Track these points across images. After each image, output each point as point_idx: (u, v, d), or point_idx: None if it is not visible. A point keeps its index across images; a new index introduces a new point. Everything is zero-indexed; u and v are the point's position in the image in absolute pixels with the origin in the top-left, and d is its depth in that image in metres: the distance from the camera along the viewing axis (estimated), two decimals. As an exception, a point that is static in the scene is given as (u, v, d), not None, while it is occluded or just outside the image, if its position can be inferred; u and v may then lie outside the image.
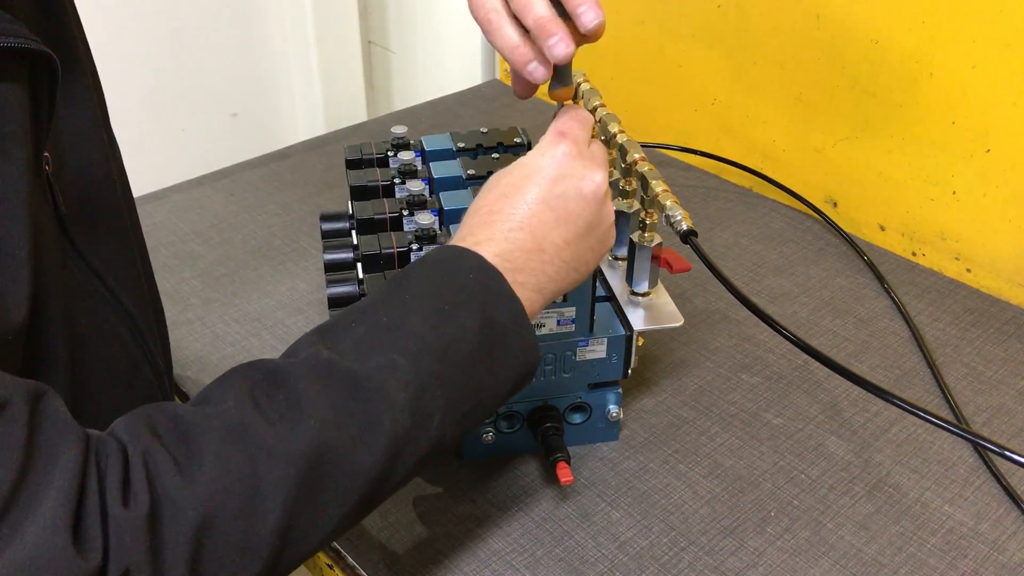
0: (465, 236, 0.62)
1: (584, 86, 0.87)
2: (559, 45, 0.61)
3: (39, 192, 0.54)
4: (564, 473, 0.76)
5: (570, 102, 0.70)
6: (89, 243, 0.61)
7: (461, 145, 0.91)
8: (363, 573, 0.73)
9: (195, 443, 0.49)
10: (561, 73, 0.66)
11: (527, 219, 0.61)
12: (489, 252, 0.60)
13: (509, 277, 0.59)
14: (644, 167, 0.78)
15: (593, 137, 0.68)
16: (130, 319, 0.65)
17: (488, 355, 0.58)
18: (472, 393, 0.58)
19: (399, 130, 0.93)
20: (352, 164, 0.91)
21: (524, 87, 0.69)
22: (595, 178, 0.63)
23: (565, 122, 0.65)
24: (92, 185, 0.63)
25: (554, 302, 0.75)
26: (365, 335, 0.56)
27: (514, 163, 0.64)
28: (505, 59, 0.66)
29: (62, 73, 0.54)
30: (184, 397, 0.91)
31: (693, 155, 1.28)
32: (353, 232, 0.86)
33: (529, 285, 0.60)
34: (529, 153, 0.64)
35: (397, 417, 0.54)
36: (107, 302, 0.63)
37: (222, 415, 0.51)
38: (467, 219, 0.63)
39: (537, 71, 0.64)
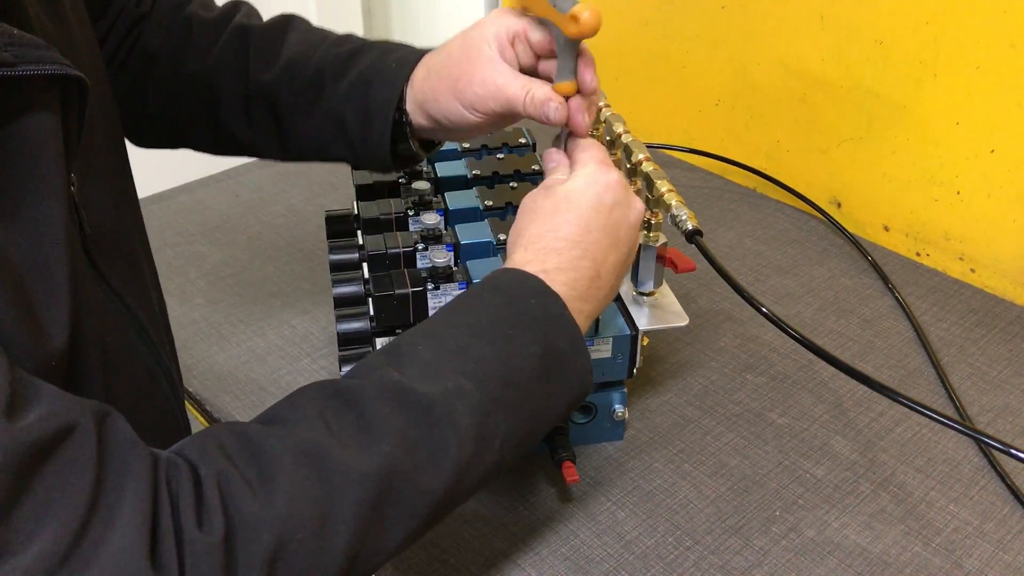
0: (530, 260, 0.62)
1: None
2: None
3: (70, 214, 0.54)
4: (569, 472, 0.76)
5: (581, 101, 0.69)
6: (106, 261, 0.61)
7: (466, 146, 0.91)
8: (369, 572, 0.74)
9: (267, 465, 0.49)
10: (565, 65, 0.66)
11: (591, 247, 0.62)
12: (558, 281, 0.61)
13: (572, 305, 0.61)
14: (649, 167, 0.78)
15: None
16: (145, 333, 0.65)
17: (547, 380, 0.59)
18: (531, 418, 0.59)
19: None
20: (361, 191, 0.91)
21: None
22: (638, 207, 0.66)
23: (595, 151, 0.66)
24: (106, 202, 0.63)
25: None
26: (433, 359, 0.57)
27: (567, 187, 0.64)
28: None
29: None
30: (191, 398, 0.91)
31: (697, 156, 1.28)
32: (359, 232, 0.86)
33: (586, 312, 0.62)
34: (582, 180, 0.64)
35: (463, 442, 0.55)
36: (125, 318, 0.64)
37: (294, 436, 0.51)
38: (531, 240, 0.63)
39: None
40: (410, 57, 0.73)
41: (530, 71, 0.69)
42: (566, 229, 0.63)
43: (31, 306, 0.49)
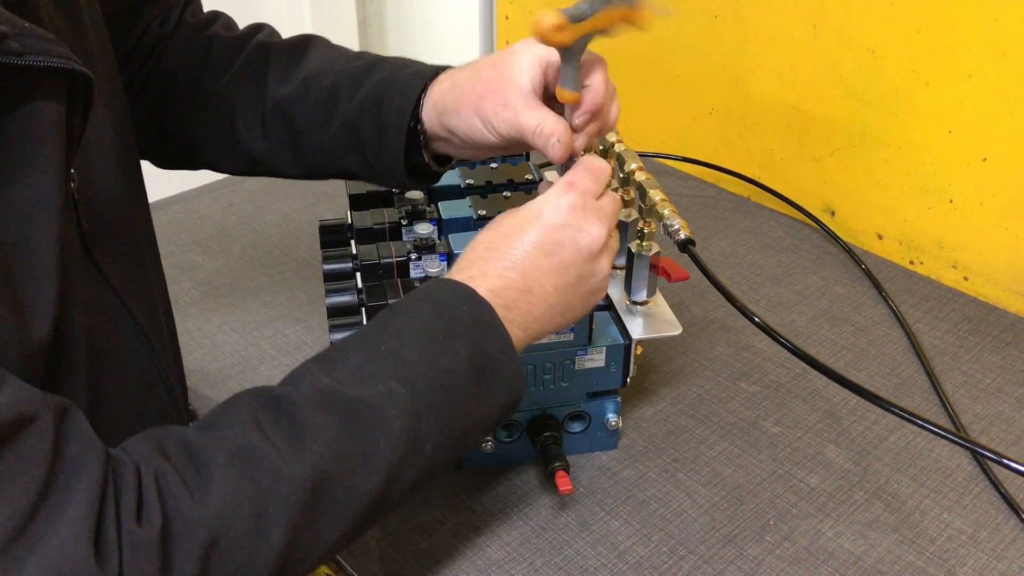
0: (461, 270, 0.64)
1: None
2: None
3: (66, 208, 0.55)
4: (563, 482, 0.76)
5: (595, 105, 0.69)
6: (107, 260, 0.62)
7: (472, 186, 0.90)
8: (362, 583, 0.74)
9: (203, 466, 0.51)
10: (568, 74, 0.66)
11: (521, 261, 0.63)
12: (482, 287, 0.62)
13: (499, 313, 0.61)
14: (642, 176, 0.78)
15: (608, 187, 0.68)
16: (144, 337, 0.65)
17: (478, 385, 0.60)
18: (463, 421, 0.60)
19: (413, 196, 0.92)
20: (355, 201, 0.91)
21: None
22: (592, 232, 0.64)
23: (578, 172, 0.66)
24: (112, 202, 0.63)
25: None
26: (364, 363, 0.58)
27: (521, 207, 0.66)
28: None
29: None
30: (193, 415, 0.91)
31: (691, 164, 1.29)
32: (352, 242, 0.86)
33: (516, 323, 0.62)
34: (537, 198, 0.66)
35: (395, 444, 0.56)
36: (124, 319, 0.64)
37: (228, 440, 0.52)
38: (466, 253, 0.65)
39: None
40: (427, 70, 0.74)
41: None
42: (498, 242, 0.64)
43: (15, 290, 0.50)
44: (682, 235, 0.73)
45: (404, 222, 0.84)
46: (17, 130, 0.50)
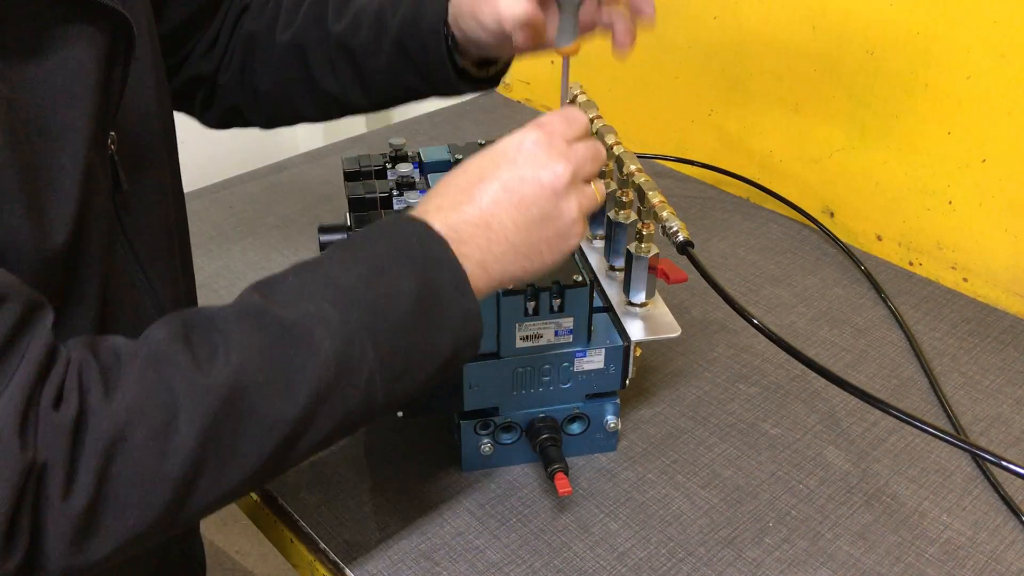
0: (420, 205, 0.63)
1: (581, 98, 0.88)
2: None
3: (97, 142, 0.60)
4: (562, 484, 0.76)
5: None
6: (136, 229, 0.65)
7: (459, 157, 0.91)
8: (361, 585, 0.73)
9: (123, 366, 0.52)
10: (566, 25, 0.69)
11: (479, 194, 0.61)
12: (437, 220, 0.61)
13: (454, 248, 0.60)
14: (641, 178, 0.78)
15: (592, 136, 0.67)
16: (161, 311, 0.67)
17: (425, 317, 0.58)
18: (405, 353, 0.58)
19: (397, 142, 0.93)
20: (350, 176, 0.91)
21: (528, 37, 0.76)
22: (556, 169, 0.62)
23: (548, 115, 0.65)
24: (148, 167, 0.67)
25: (550, 312, 0.75)
26: (299, 286, 0.58)
27: (492, 145, 0.66)
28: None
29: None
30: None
31: (690, 166, 1.29)
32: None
33: (473, 259, 0.60)
34: (505, 137, 0.65)
35: (322, 365, 0.55)
36: (144, 290, 0.67)
37: (151, 345, 0.53)
38: (429, 191, 0.65)
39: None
40: None
41: None
42: (459, 178, 0.63)
43: (38, 199, 0.54)
44: (681, 237, 0.73)
45: (396, 193, 0.86)
46: (59, 57, 0.56)
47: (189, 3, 0.84)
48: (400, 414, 0.78)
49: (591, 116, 0.84)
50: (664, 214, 0.75)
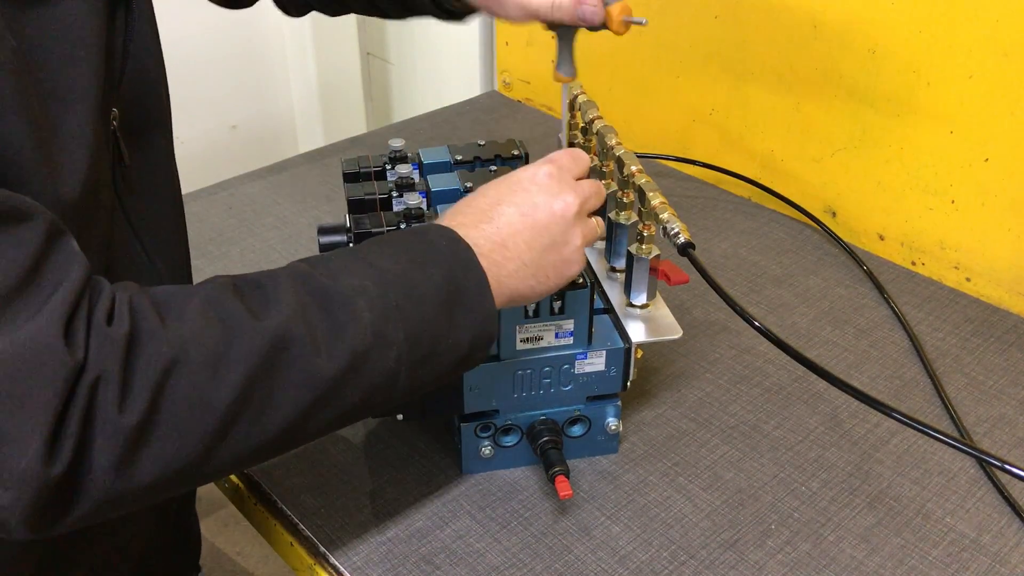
0: (440, 221, 0.68)
1: (581, 98, 0.88)
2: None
3: (105, 139, 0.61)
4: (563, 487, 0.75)
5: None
6: (134, 204, 0.68)
7: (459, 158, 0.90)
8: (362, 589, 0.73)
9: (178, 304, 0.55)
10: (565, 56, 0.75)
11: (497, 216, 0.66)
12: (460, 233, 0.65)
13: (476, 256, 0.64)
14: (641, 179, 0.78)
15: (594, 171, 0.74)
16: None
17: (449, 308, 0.62)
18: (430, 339, 0.62)
19: (397, 143, 0.93)
20: (349, 177, 0.91)
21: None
22: (567, 199, 0.68)
23: (557, 152, 0.72)
24: (149, 145, 0.69)
25: (551, 314, 0.75)
26: (342, 263, 0.62)
27: (504, 175, 0.71)
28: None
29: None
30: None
31: (692, 166, 1.28)
32: (351, 245, 0.86)
33: (490, 272, 0.65)
34: (520, 168, 0.70)
35: (360, 332, 0.58)
36: (143, 264, 0.69)
37: (207, 291, 0.56)
38: (447, 211, 0.69)
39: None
40: None
41: None
42: (477, 200, 0.68)
43: (49, 149, 0.55)
44: (681, 239, 0.73)
45: (395, 194, 0.86)
46: (56, 19, 0.57)
47: None
48: (400, 417, 0.77)
49: (592, 116, 0.84)
50: (665, 215, 0.75)
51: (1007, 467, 0.57)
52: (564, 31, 0.80)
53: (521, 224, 0.66)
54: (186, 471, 0.54)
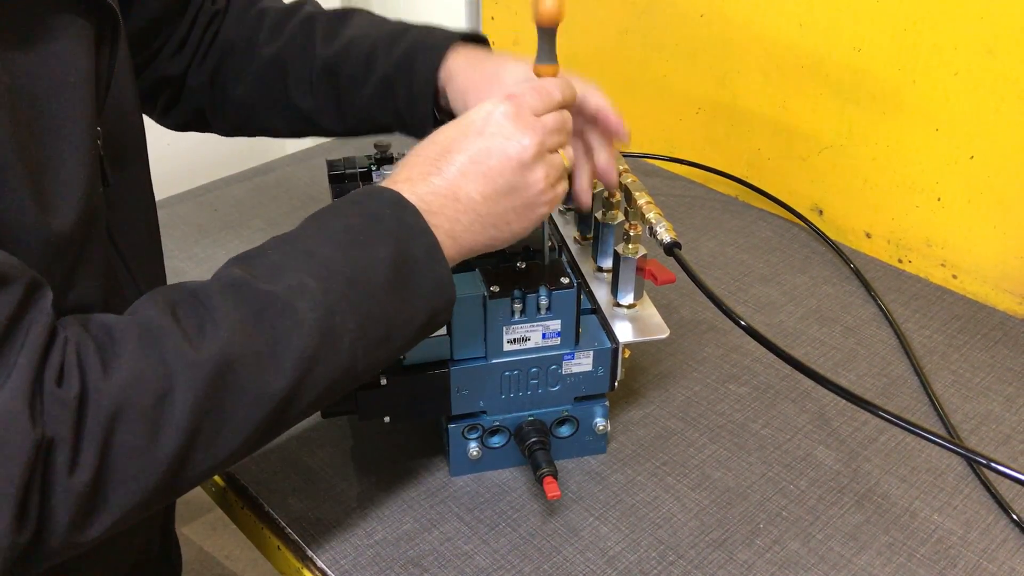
0: (391, 176, 0.65)
1: (625, 177, 0.80)
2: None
3: (94, 136, 0.61)
4: (551, 488, 0.75)
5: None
6: (118, 227, 0.67)
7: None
8: (349, 592, 0.73)
9: (117, 343, 0.53)
10: (545, 48, 0.69)
11: (447, 166, 0.63)
12: (407, 191, 0.63)
13: (425, 217, 0.62)
14: (627, 179, 0.78)
15: (563, 108, 0.68)
16: None
17: (401, 285, 0.60)
18: (384, 321, 0.60)
19: (382, 143, 0.92)
20: (335, 178, 0.90)
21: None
22: (523, 141, 0.64)
23: (521, 87, 0.66)
24: (130, 163, 0.68)
25: (538, 315, 0.75)
26: (279, 259, 0.59)
27: (460, 117, 0.67)
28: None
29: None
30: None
31: (678, 164, 1.28)
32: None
33: (442, 229, 0.62)
34: (475, 108, 0.66)
35: (306, 336, 0.57)
36: (126, 283, 0.68)
37: (142, 321, 0.55)
38: (400, 163, 0.66)
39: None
40: (453, 36, 0.82)
41: None
42: (429, 150, 0.65)
43: (39, 180, 0.55)
44: (667, 239, 0.73)
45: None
46: (48, 54, 0.57)
47: (154, 2, 0.83)
48: (387, 419, 0.77)
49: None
50: (651, 215, 0.74)
51: (993, 465, 0.57)
52: (544, 30, 0.77)
53: (473, 172, 0.63)
54: (148, 505, 0.54)
